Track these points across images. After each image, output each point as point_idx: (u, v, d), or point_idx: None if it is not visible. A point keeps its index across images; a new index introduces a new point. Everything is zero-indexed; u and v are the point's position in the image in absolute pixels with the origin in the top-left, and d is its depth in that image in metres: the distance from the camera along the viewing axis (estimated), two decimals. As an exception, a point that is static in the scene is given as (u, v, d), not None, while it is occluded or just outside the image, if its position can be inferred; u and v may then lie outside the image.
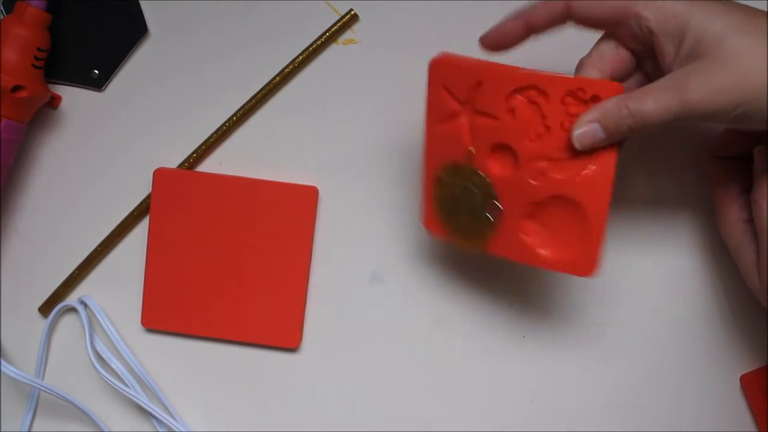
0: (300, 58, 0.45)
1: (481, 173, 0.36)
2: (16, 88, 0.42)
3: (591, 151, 0.33)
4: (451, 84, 0.37)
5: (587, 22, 0.34)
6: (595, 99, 0.32)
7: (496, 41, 0.36)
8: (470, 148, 0.36)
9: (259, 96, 0.45)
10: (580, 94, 0.33)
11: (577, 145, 0.32)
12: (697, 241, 0.43)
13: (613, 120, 0.31)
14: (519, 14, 0.35)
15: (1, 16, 0.45)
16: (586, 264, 0.34)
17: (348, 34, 0.45)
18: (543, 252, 0.35)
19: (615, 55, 0.34)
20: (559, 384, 0.44)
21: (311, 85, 0.45)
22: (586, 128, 0.32)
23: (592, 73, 0.34)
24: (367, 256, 0.45)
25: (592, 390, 0.44)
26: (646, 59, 0.35)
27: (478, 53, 0.44)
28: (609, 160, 0.33)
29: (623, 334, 0.44)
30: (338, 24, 0.44)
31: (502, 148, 0.35)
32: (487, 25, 0.44)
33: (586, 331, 0.44)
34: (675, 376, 0.43)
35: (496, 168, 0.36)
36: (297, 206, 0.44)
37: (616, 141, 0.32)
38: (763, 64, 0.30)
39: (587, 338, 0.44)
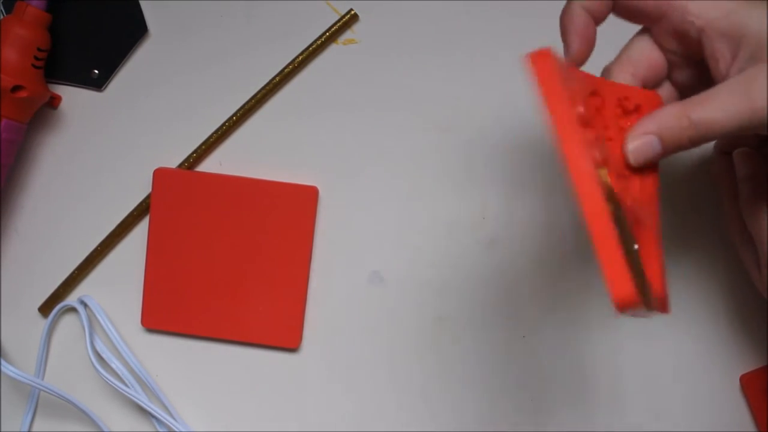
0: (300, 58, 0.45)
1: (623, 198, 0.28)
2: (16, 88, 0.42)
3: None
4: (571, 83, 0.28)
5: (629, 10, 0.30)
6: (638, 110, 0.29)
7: (585, 50, 0.30)
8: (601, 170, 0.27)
9: (259, 96, 0.45)
10: (626, 103, 0.29)
11: (633, 162, 0.29)
12: (697, 240, 0.43)
13: (672, 132, 0.28)
14: (572, 20, 0.30)
15: (1, 16, 0.45)
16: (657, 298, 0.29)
17: (348, 34, 0.45)
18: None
19: (648, 59, 0.31)
20: (558, 384, 0.44)
21: (311, 85, 0.45)
22: (641, 141, 0.28)
23: (624, 78, 0.31)
24: (367, 256, 0.45)
25: (592, 390, 0.44)
26: (681, 66, 0.32)
27: (477, 53, 0.44)
28: (654, 173, 0.30)
29: (623, 334, 0.44)
30: (338, 24, 0.44)
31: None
32: (487, 25, 0.44)
33: (586, 331, 0.44)
34: (675, 376, 0.43)
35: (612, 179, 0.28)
36: (297, 206, 0.44)
37: (672, 154, 0.29)
38: None
39: (587, 338, 0.44)
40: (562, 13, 0.31)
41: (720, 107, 0.27)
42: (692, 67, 0.32)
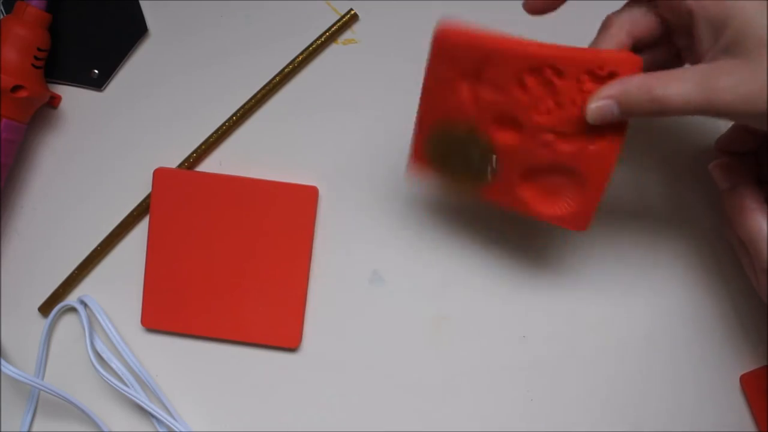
0: (300, 58, 0.45)
1: (481, 137, 0.35)
2: (16, 88, 0.42)
3: (601, 126, 0.32)
4: (456, 57, 0.35)
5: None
6: (612, 76, 0.31)
7: (540, 5, 0.34)
8: (472, 116, 0.35)
9: (259, 96, 0.45)
10: (598, 71, 0.31)
11: (589, 119, 0.31)
12: (697, 240, 0.43)
13: (631, 100, 0.30)
14: None
15: (1, 16, 0.45)
16: (579, 221, 0.35)
17: (348, 34, 0.45)
18: (537, 206, 0.35)
19: (647, 20, 0.33)
20: (559, 384, 0.44)
21: (311, 85, 0.45)
22: (602, 103, 0.31)
23: (619, 35, 0.33)
24: (367, 256, 0.45)
25: (592, 390, 0.44)
26: (680, 34, 0.33)
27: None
28: (618, 137, 0.32)
29: (623, 333, 0.44)
30: (338, 24, 0.44)
31: (506, 119, 0.35)
32: (486, 25, 0.44)
33: (586, 331, 0.44)
34: (675, 376, 0.43)
35: (498, 136, 0.35)
36: (297, 206, 0.44)
37: (628, 119, 0.32)
38: None
39: (587, 338, 0.44)
40: None
41: (680, 90, 0.29)
42: (689, 36, 0.33)
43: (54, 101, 0.46)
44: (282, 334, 0.45)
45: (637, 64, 0.31)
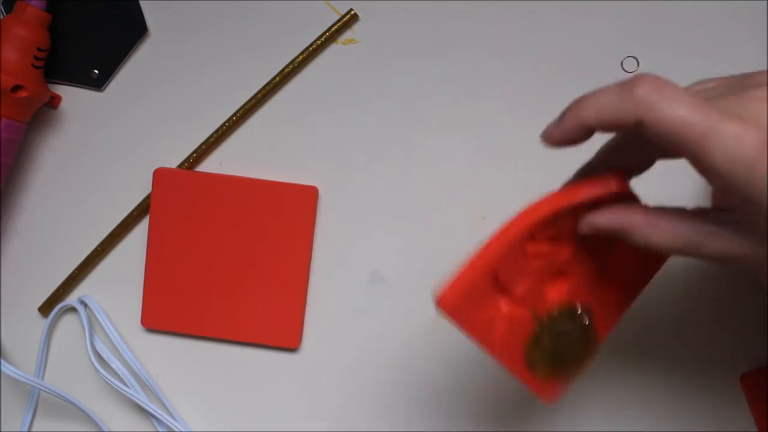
0: (300, 58, 0.45)
1: (559, 309, 0.32)
2: (16, 88, 0.42)
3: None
4: (478, 296, 0.30)
5: (652, 142, 0.27)
6: (596, 205, 0.30)
7: (559, 143, 0.30)
8: (531, 311, 0.32)
9: (259, 96, 0.45)
10: (581, 208, 0.30)
11: (581, 231, 0.30)
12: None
13: (626, 237, 0.29)
14: (577, 118, 0.29)
15: (1, 16, 0.45)
16: (659, 260, 0.34)
17: (348, 34, 0.45)
18: (632, 279, 0.34)
19: (641, 156, 0.31)
20: (559, 384, 0.44)
21: (311, 85, 0.45)
22: (590, 231, 0.30)
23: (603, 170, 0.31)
24: (367, 256, 0.45)
25: (592, 389, 0.44)
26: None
27: (477, 53, 0.44)
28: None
29: (623, 333, 0.44)
30: (338, 24, 0.44)
31: (549, 280, 0.32)
32: (487, 25, 0.44)
33: (586, 331, 0.44)
34: (675, 376, 0.43)
35: (561, 289, 0.32)
36: (297, 206, 0.44)
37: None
38: None
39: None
40: (568, 112, 0.29)
41: (670, 239, 0.28)
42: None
43: (54, 101, 0.46)
44: (282, 334, 0.45)
45: (618, 183, 0.30)
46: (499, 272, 0.30)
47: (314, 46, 0.44)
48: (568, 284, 0.32)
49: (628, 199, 0.31)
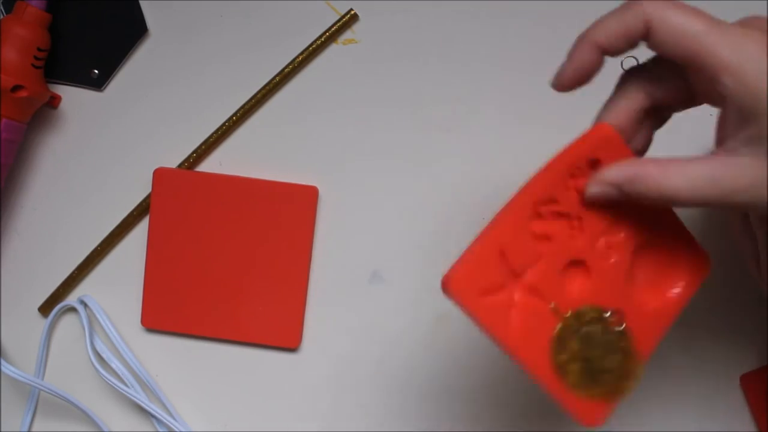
0: (300, 58, 0.45)
1: (581, 306, 0.30)
2: (16, 88, 0.42)
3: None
4: (484, 281, 0.29)
5: (661, 50, 0.28)
6: (595, 164, 0.29)
7: (572, 78, 0.30)
8: (551, 303, 0.30)
9: (259, 96, 0.45)
10: (577, 172, 0.29)
11: (587, 200, 0.29)
12: (697, 240, 0.43)
13: (637, 190, 0.28)
14: (587, 40, 0.29)
15: (1, 16, 0.45)
16: (703, 267, 0.33)
17: (348, 34, 0.45)
18: (670, 296, 0.32)
19: (673, 84, 0.30)
20: (559, 384, 0.44)
21: (311, 85, 0.45)
22: (600, 189, 0.29)
23: (637, 97, 0.30)
24: (367, 256, 0.45)
25: (592, 390, 0.44)
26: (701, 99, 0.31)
27: (477, 53, 0.44)
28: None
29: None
30: (338, 24, 0.44)
31: (570, 267, 0.30)
32: (487, 25, 0.44)
33: (586, 331, 0.44)
34: (675, 376, 0.43)
35: (583, 286, 0.30)
36: (297, 206, 0.44)
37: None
38: None
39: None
40: (576, 41, 0.29)
41: (692, 186, 0.27)
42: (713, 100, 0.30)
43: (54, 101, 0.46)
44: (282, 334, 0.45)
45: (610, 135, 0.29)
46: (508, 254, 0.29)
47: (314, 46, 0.44)
48: (590, 281, 0.30)
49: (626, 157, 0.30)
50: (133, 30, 0.45)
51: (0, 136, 0.42)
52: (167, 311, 0.45)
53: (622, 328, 0.30)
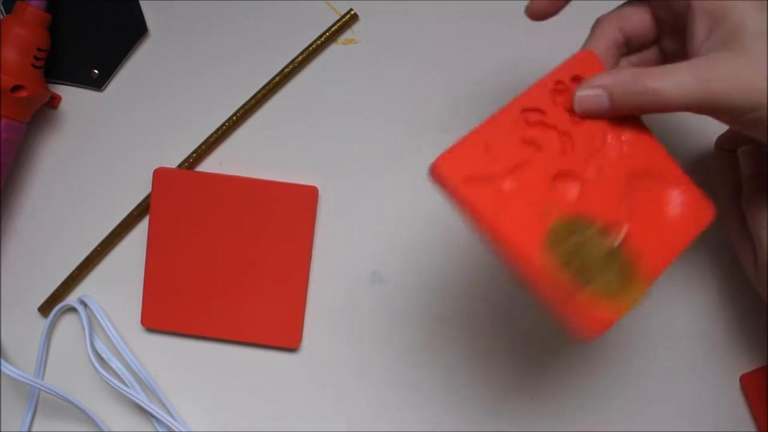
0: (300, 58, 0.45)
1: (572, 214, 0.30)
2: (15, 88, 0.42)
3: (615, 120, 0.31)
4: (471, 169, 0.29)
5: None
6: (577, 79, 0.31)
7: (542, 9, 0.33)
8: (542, 204, 0.30)
9: (259, 96, 0.45)
10: (561, 87, 0.31)
11: (577, 108, 0.31)
12: (696, 240, 0.43)
13: (624, 92, 0.30)
14: None
15: (1, 16, 0.45)
16: (703, 211, 0.32)
17: (348, 34, 0.45)
18: (676, 229, 0.32)
19: (639, 17, 0.33)
20: (558, 384, 0.44)
21: (311, 85, 0.45)
22: (590, 92, 0.30)
23: (610, 31, 0.33)
24: (367, 256, 0.45)
25: (592, 389, 0.44)
26: (669, 35, 0.34)
27: (476, 54, 0.44)
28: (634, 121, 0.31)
29: (623, 333, 0.44)
30: (338, 24, 0.44)
31: (561, 178, 0.31)
32: (487, 25, 0.44)
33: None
34: (675, 376, 0.43)
35: (572, 194, 0.31)
36: (297, 206, 0.44)
37: (619, 114, 0.31)
38: None
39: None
40: None
41: (676, 81, 0.29)
42: (679, 38, 0.33)
43: (54, 101, 0.46)
44: (282, 334, 0.45)
45: (591, 57, 0.32)
46: (493, 150, 0.30)
47: (314, 46, 0.44)
48: (584, 193, 0.30)
49: None
50: (133, 30, 0.45)
51: (0, 136, 0.42)
52: (167, 311, 0.45)
53: (618, 243, 0.30)
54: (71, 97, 0.46)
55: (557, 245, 0.29)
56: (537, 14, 0.33)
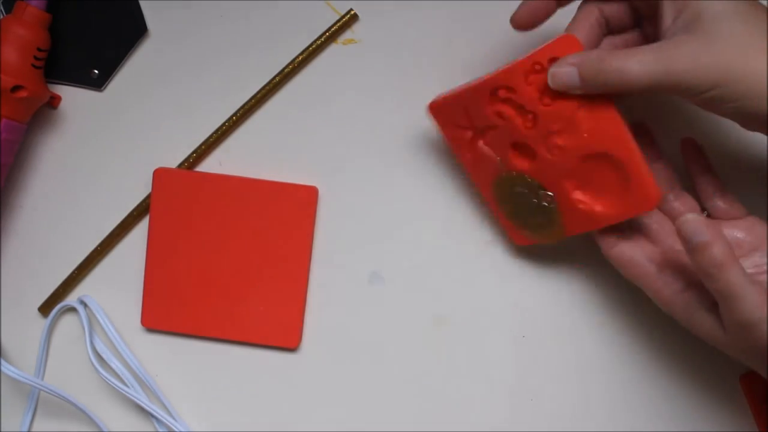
0: (300, 58, 0.45)
1: (517, 173, 0.38)
2: (16, 88, 0.42)
3: (586, 105, 0.34)
4: (453, 118, 0.39)
5: None
6: (553, 60, 0.34)
7: (526, 20, 0.36)
8: (497, 158, 0.39)
9: (259, 96, 0.45)
10: (538, 67, 0.34)
11: (551, 83, 0.33)
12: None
13: (591, 69, 0.32)
14: None
15: (1, 16, 0.45)
16: (645, 198, 0.35)
17: (348, 34, 0.45)
18: (603, 209, 0.37)
19: (617, 4, 0.36)
20: (558, 383, 0.44)
21: (311, 85, 0.45)
22: (563, 69, 0.33)
23: (591, 14, 0.36)
24: (367, 256, 0.45)
25: (592, 389, 0.44)
26: (648, 20, 0.36)
27: (475, 53, 0.44)
28: (606, 101, 0.34)
29: (623, 333, 0.44)
30: (338, 24, 0.44)
31: (517, 147, 0.38)
32: (486, 25, 0.44)
33: (586, 331, 0.44)
34: (675, 376, 0.43)
35: (523, 163, 0.38)
36: (297, 206, 0.44)
37: (591, 93, 0.33)
38: (748, 52, 0.31)
39: (587, 338, 0.44)
40: None
41: (640, 60, 0.31)
42: (655, 23, 0.34)
43: (54, 101, 0.46)
44: (282, 334, 0.45)
45: (571, 40, 0.34)
46: (469, 112, 0.38)
47: (314, 46, 0.44)
48: (533, 163, 0.37)
49: None
50: (133, 30, 0.45)
51: (0, 136, 0.42)
52: (167, 311, 0.45)
53: (550, 205, 0.38)
54: (71, 97, 0.46)
55: (501, 188, 0.40)
56: (522, 25, 0.36)
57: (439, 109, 0.40)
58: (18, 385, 0.47)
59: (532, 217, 0.40)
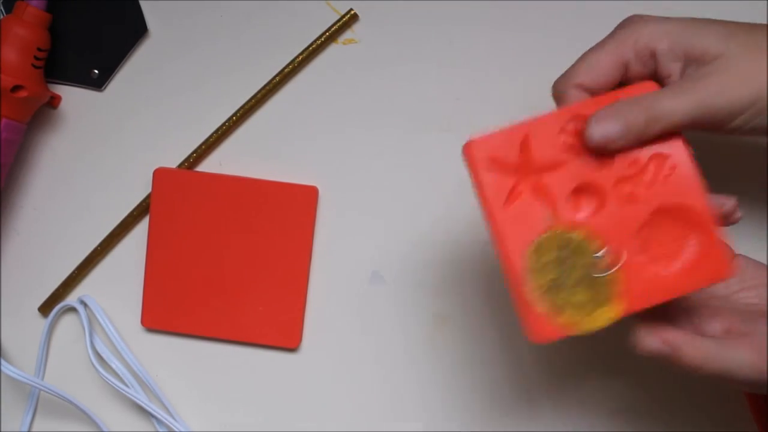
0: (300, 57, 0.45)
1: (571, 229, 0.31)
2: (16, 88, 0.42)
3: (658, 150, 0.31)
4: (499, 158, 0.31)
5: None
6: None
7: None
8: (546, 210, 0.31)
9: (259, 96, 0.45)
10: (579, 125, 0.31)
11: (588, 141, 0.30)
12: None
13: (630, 119, 0.30)
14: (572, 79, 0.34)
15: (1, 16, 0.45)
16: (720, 266, 0.31)
17: (348, 34, 0.45)
18: (675, 276, 0.31)
19: (603, 67, 0.34)
20: (558, 383, 0.44)
21: (311, 84, 0.45)
22: (600, 125, 0.31)
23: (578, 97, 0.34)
24: (367, 256, 0.45)
25: (592, 389, 0.44)
26: (638, 72, 0.34)
27: (477, 53, 0.44)
28: (679, 148, 0.31)
29: (623, 334, 0.44)
30: (338, 24, 0.44)
31: (581, 191, 0.31)
32: (487, 25, 0.44)
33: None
34: (675, 376, 0.43)
35: (584, 214, 0.31)
36: (297, 206, 0.44)
37: (634, 142, 0.30)
38: (757, 68, 0.31)
39: (587, 338, 0.44)
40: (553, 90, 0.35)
41: (669, 99, 0.31)
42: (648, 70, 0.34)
43: (54, 101, 0.46)
44: (282, 334, 0.45)
45: (651, 86, 0.32)
46: (531, 142, 0.31)
47: (314, 46, 0.44)
48: (599, 214, 0.31)
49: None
50: (133, 30, 0.45)
51: (0, 136, 0.42)
52: (167, 311, 0.45)
53: (605, 274, 0.31)
54: (71, 97, 0.46)
55: (541, 253, 0.31)
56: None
57: (482, 147, 0.31)
58: (18, 385, 0.47)
59: (578, 292, 0.31)
